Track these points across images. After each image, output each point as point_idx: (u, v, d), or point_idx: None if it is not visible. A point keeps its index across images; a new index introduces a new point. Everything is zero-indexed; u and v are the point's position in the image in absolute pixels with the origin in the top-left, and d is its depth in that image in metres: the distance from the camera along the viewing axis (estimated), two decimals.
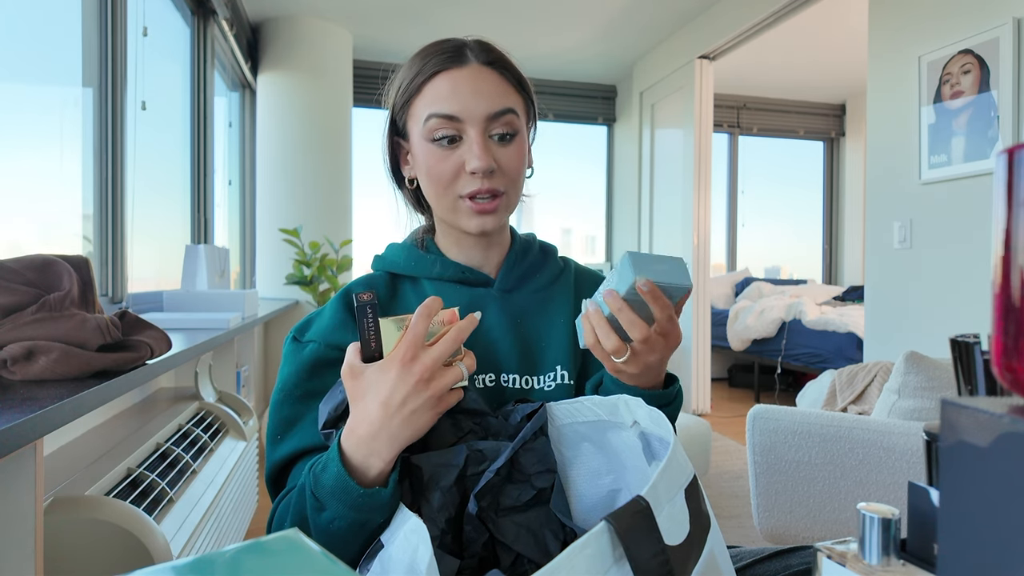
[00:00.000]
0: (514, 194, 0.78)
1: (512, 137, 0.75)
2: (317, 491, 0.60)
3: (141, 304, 2.09)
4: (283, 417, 0.72)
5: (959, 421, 0.27)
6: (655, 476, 0.48)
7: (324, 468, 0.60)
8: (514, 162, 0.75)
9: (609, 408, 0.64)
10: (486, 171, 0.72)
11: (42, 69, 1.78)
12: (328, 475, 0.59)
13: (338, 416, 0.64)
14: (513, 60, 0.79)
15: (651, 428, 0.60)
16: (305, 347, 0.74)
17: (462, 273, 0.79)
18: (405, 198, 0.86)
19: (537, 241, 0.88)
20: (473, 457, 0.64)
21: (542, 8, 3.75)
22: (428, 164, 0.75)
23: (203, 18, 2.99)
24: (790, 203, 5.96)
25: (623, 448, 0.64)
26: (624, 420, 0.63)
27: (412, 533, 0.53)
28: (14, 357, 0.85)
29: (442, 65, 0.74)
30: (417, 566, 0.50)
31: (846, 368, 2.41)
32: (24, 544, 0.76)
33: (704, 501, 0.54)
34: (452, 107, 0.72)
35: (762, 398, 4.61)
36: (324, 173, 3.92)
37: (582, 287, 0.86)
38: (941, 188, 2.35)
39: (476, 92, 0.73)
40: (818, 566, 0.41)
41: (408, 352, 0.58)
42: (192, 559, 0.32)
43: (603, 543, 0.43)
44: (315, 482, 0.60)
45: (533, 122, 0.83)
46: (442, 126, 0.73)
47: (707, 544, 0.51)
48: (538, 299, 0.82)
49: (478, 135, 0.72)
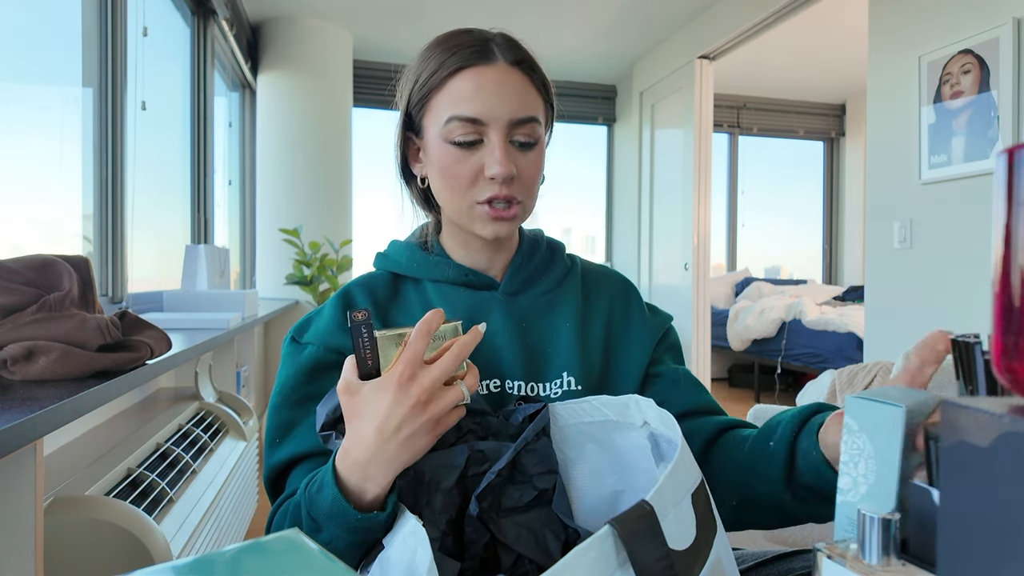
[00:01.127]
0: (530, 203, 0.75)
1: (533, 146, 0.72)
2: (313, 512, 0.58)
3: (141, 304, 2.09)
4: (281, 421, 0.71)
5: (959, 421, 0.27)
6: (661, 480, 0.48)
7: (320, 490, 0.58)
8: (533, 171, 0.73)
9: (618, 408, 0.63)
10: (506, 178, 0.70)
11: (42, 69, 1.78)
12: (324, 498, 0.57)
13: (336, 418, 0.63)
14: (538, 59, 0.75)
15: (661, 429, 0.60)
16: (304, 349, 0.72)
17: (466, 276, 0.77)
18: (412, 196, 0.82)
19: (545, 238, 0.85)
20: (474, 458, 0.63)
21: (542, 8, 3.75)
22: (444, 165, 0.71)
23: (203, 18, 2.99)
24: (790, 203, 5.96)
25: (630, 449, 0.64)
26: (634, 420, 0.62)
27: (411, 536, 0.52)
28: (14, 357, 0.85)
29: (466, 61, 0.70)
30: (416, 569, 0.49)
31: (846, 368, 2.40)
32: (24, 544, 0.76)
33: (712, 506, 0.54)
34: (475, 109, 0.69)
35: (762, 398, 4.61)
36: (324, 173, 3.92)
37: (590, 287, 0.83)
38: (941, 188, 2.35)
39: (502, 94, 0.69)
40: (818, 566, 0.41)
41: (406, 372, 0.55)
42: (192, 559, 0.32)
43: (607, 547, 0.43)
44: (310, 503, 0.58)
45: (551, 126, 0.81)
46: (463, 129, 0.69)
47: (713, 549, 0.50)
48: (544, 302, 0.79)
49: (500, 139, 0.69)
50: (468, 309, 0.76)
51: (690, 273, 4.03)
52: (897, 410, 0.41)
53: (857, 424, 0.43)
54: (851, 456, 0.43)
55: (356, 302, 0.76)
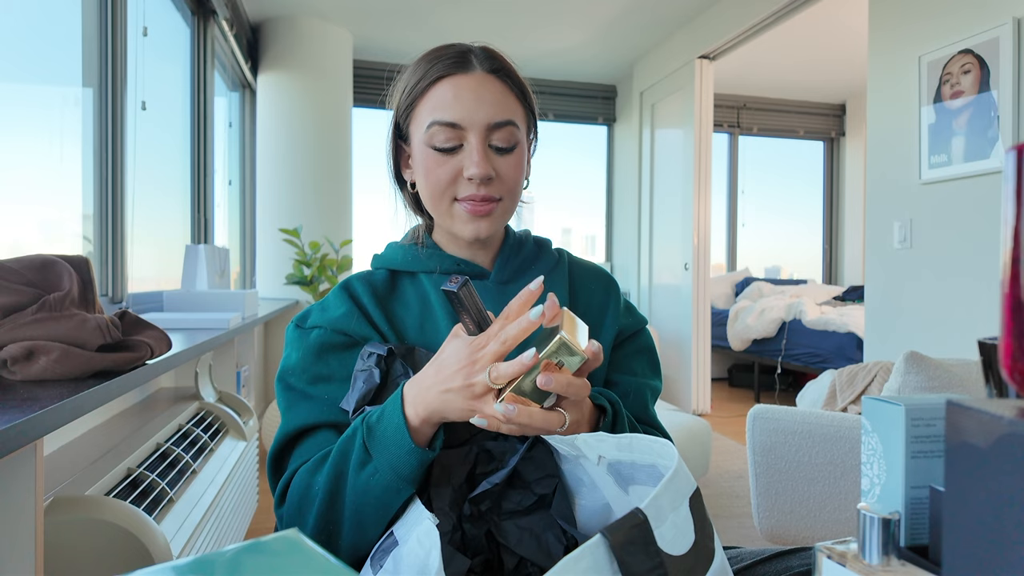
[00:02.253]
0: (510, 202, 0.78)
1: (512, 150, 0.75)
2: (369, 439, 0.62)
3: (141, 304, 2.08)
4: (292, 396, 0.73)
5: (962, 422, 0.27)
6: (659, 488, 0.48)
7: (380, 418, 0.62)
8: (512, 171, 0.76)
9: (570, 445, 0.61)
10: (484, 178, 0.73)
11: (42, 69, 1.78)
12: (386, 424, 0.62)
13: (367, 403, 0.65)
14: (517, 69, 0.79)
15: (622, 456, 0.58)
16: (311, 332, 0.75)
17: (458, 266, 0.80)
18: (405, 201, 0.86)
19: (531, 236, 0.89)
20: (482, 457, 0.64)
21: (543, 8, 3.75)
22: (427, 168, 0.75)
23: (203, 18, 2.99)
24: (790, 203, 5.96)
25: (597, 478, 0.63)
26: (589, 456, 0.61)
27: (425, 537, 0.53)
28: (14, 357, 0.85)
29: (446, 71, 0.74)
30: (429, 568, 0.51)
31: (846, 368, 2.40)
32: (24, 544, 0.76)
33: (707, 512, 0.54)
34: (454, 114, 0.73)
35: (762, 398, 4.61)
36: (324, 173, 3.92)
37: (577, 278, 0.87)
38: (941, 188, 2.35)
39: (479, 100, 0.73)
40: (818, 566, 0.41)
41: (481, 340, 0.59)
42: (192, 559, 0.32)
43: (599, 556, 0.43)
44: (368, 431, 0.62)
45: (534, 133, 0.83)
46: (443, 133, 0.73)
47: (716, 554, 0.50)
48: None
49: (478, 143, 0.73)
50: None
51: (690, 273, 4.03)
52: (897, 408, 0.41)
53: (871, 424, 0.43)
54: (868, 456, 0.44)
55: (358, 293, 0.78)
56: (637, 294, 4.76)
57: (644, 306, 4.66)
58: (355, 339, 0.74)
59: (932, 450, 0.41)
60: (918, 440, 0.41)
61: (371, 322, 0.76)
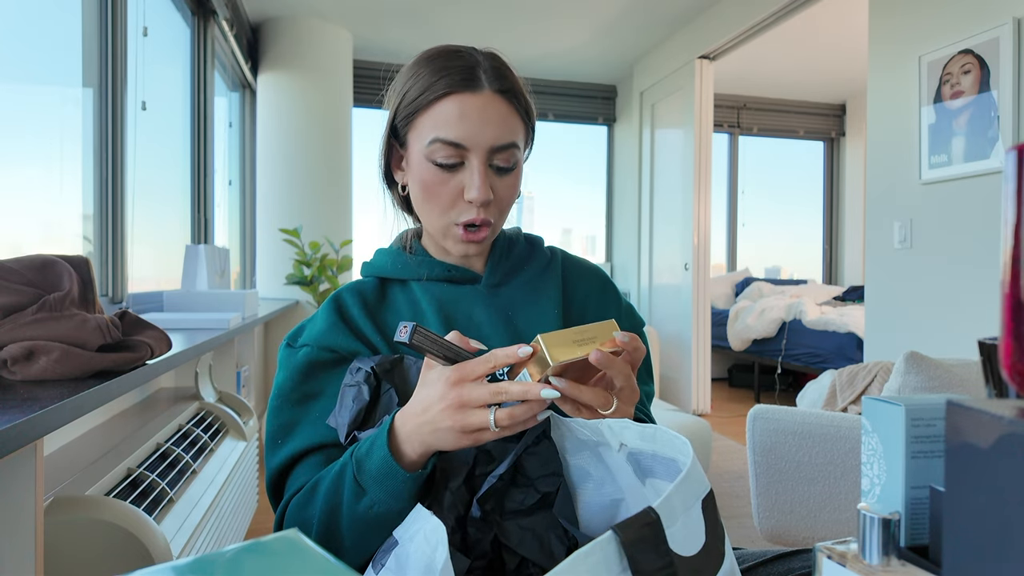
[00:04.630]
0: (501, 220, 0.79)
1: (511, 170, 0.76)
2: (360, 474, 0.61)
3: (141, 304, 2.08)
4: (281, 422, 0.72)
5: (962, 422, 0.27)
6: (672, 488, 0.47)
7: (369, 451, 0.62)
8: (509, 191, 0.77)
9: (593, 429, 0.62)
10: (484, 202, 0.74)
11: (42, 69, 1.78)
12: (374, 458, 0.61)
13: (357, 427, 0.65)
14: (520, 77, 0.78)
15: (643, 446, 0.59)
16: (298, 351, 0.75)
17: (448, 272, 0.80)
18: (394, 200, 0.86)
19: (522, 234, 0.89)
20: (481, 457, 0.64)
21: (542, 8, 3.74)
22: (426, 183, 0.75)
23: (203, 18, 2.99)
24: (790, 203, 5.96)
25: (615, 466, 0.63)
26: (611, 442, 0.62)
27: (432, 533, 0.54)
28: (14, 357, 0.85)
29: (454, 87, 0.72)
30: (434, 565, 0.51)
31: (846, 368, 2.40)
32: (24, 544, 0.76)
33: (719, 515, 0.53)
34: (458, 134, 0.72)
35: (762, 398, 4.61)
36: (324, 173, 3.92)
37: (571, 274, 0.87)
38: (941, 188, 2.35)
39: (485, 122, 0.72)
40: (818, 566, 0.41)
41: (454, 375, 0.58)
42: (192, 559, 0.32)
43: (609, 552, 0.43)
44: (358, 466, 0.62)
45: (529, 147, 0.83)
46: (445, 151, 0.72)
47: (726, 558, 0.50)
48: (527, 291, 0.82)
49: (480, 164, 0.73)
50: (453, 304, 0.79)
51: (690, 273, 4.02)
52: (897, 408, 0.41)
53: (871, 424, 0.44)
54: (868, 457, 0.44)
55: (347, 306, 0.78)
56: (637, 294, 4.76)
57: (644, 306, 4.66)
58: (343, 355, 0.74)
59: (932, 450, 0.41)
60: (918, 440, 0.41)
61: (360, 335, 0.75)
